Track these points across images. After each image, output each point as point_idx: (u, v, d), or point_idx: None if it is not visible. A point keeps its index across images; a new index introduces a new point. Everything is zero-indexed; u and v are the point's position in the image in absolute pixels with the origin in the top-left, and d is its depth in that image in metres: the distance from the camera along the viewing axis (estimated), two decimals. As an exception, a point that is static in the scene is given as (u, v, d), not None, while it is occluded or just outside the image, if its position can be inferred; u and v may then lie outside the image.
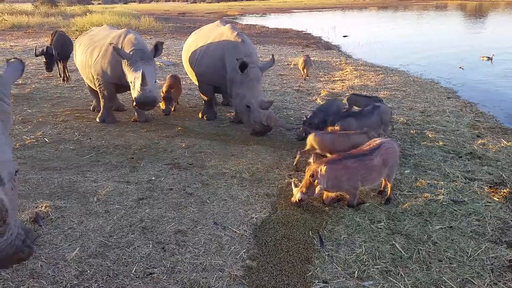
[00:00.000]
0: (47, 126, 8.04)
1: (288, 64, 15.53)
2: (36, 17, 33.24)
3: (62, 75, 12.28)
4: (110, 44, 7.48)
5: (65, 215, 4.70)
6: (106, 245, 4.19)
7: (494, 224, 4.68)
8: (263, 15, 55.16)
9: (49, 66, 11.69)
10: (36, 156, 6.58)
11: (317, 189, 4.80)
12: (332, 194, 5.14)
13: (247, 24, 37.06)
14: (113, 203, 5.00)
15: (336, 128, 6.24)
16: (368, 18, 47.54)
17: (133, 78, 7.20)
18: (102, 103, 8.30)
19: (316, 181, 4.75)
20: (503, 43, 21.54)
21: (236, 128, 8.21)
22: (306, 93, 11.06)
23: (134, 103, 7.29)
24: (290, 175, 5.96)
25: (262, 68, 7.66)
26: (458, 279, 3.82)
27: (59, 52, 11.73)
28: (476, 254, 4.14)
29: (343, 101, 8.48)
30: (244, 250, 4.19)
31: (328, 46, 22.60)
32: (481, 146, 7.06)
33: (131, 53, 7.33)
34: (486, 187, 5.54)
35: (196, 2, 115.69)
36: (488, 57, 16.70)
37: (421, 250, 4.21)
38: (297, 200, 4.91)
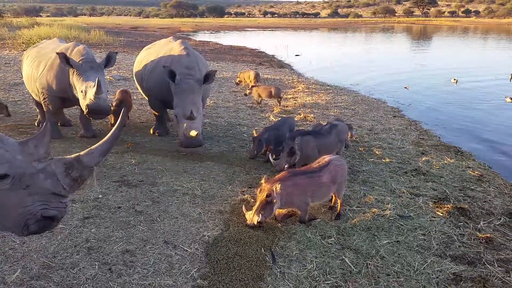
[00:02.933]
0: (-14, 142, 7.58)
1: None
2: (-22, 27, 31.64)
3: None
4: (57, 53, 7.20)
5: (6, 235, 4.42)
6: (50, 267, 3.98)
7: (439, 238, 4.86)
8: (214, 32, 55.49)
9: None
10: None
11: (275, 208, 4.80)
12: (284, 211, 5.16)
13: (201, 41, 37.11)
14: (57, 223, 4.77)
15: (296, 141, 6.28)
16: (319, 38, 48.99)
17: (84, 87, 6.99)
18: (47, 118, 7.96)
19: (274, 200, 4.74)
20: (449, 64, 22.81)
21: (188, 144, 8.10)
22: (259, 110, 11.15)
23: (86, 111, 7.05)
24: (243, 191, 5.94)
25: (200, 81, 7.42)
26: (405, 293, 3.92)
27: None
28: (422, 268, 4.27)
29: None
30: (195, 269, 4.10)
31: (281, 65, 23.01)
32: (425, 163, 7.37)
33: (80, 62, 7.15)
34: (430, 203, 5.77)
35: (148, 17, 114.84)
36: (456, 80, 17.40)
37: (369, 264, 4.30)
38: (255, 224, 4.82)
